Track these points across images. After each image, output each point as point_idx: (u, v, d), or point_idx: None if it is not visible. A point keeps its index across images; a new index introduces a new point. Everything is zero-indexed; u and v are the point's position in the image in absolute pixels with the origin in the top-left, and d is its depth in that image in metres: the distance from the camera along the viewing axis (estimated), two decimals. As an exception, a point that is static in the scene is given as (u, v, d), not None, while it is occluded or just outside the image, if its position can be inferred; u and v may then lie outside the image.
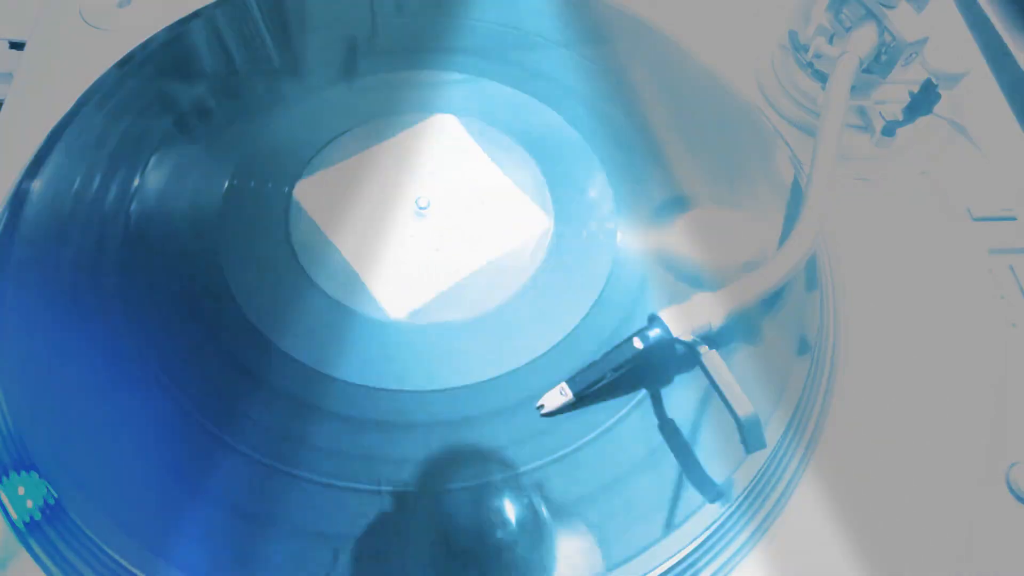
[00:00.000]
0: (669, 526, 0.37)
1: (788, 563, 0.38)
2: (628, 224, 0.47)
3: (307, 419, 0.39)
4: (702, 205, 0.48)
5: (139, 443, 0.38)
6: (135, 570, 0.35)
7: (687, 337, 0.39)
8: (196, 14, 0.56)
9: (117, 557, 0.35)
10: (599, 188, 0.49)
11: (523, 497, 0.37)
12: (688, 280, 0.45)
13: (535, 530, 0.37)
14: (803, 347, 0.43)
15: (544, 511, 0.37)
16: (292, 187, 0.47)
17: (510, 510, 0.37)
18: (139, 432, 0.38)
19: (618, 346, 0.39)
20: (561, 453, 0.38)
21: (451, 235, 0.47)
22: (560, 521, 0.37)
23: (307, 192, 0.48)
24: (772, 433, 0.40)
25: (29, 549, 0.36)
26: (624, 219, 0.47)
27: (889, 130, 0.49)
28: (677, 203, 0.48)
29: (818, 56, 0.51)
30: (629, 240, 0.46)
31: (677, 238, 0.47)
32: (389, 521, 0.36)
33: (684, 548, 0.37)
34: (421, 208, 0.47)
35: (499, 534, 0.36)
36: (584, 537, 0.36)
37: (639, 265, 0.45)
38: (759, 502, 0.39)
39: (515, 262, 0.46)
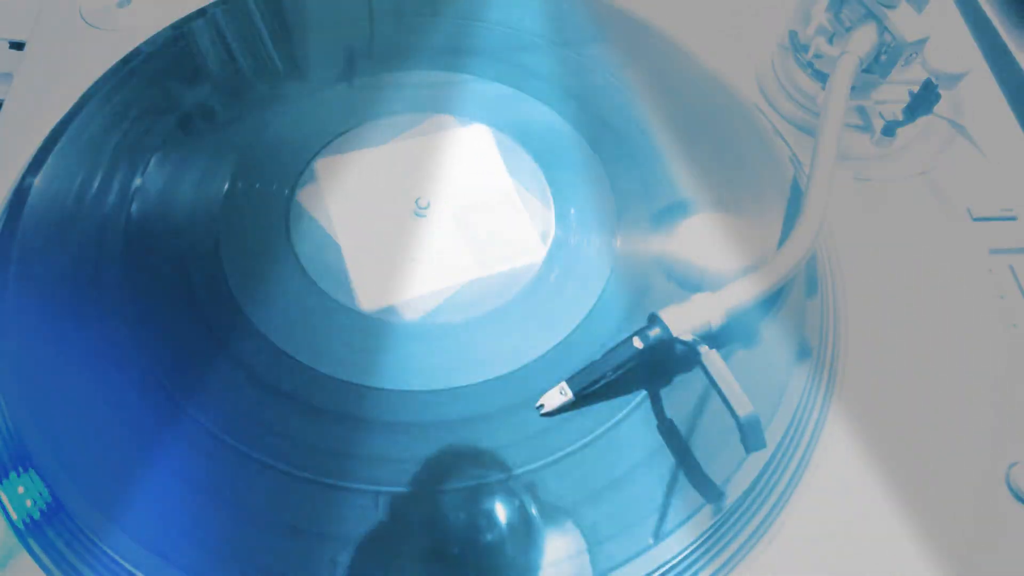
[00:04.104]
0: (669, 527, 0.37)
1: (788, 564, 0.38)
2: (628, 224, 0.47)
3: (306, 419, 0.39)
4: (702, 205, 0.48)
5: (139, 443, 0.38)
6: (135, 570, 0.35)
7: (687, 337, 0.39)
8: (197, 14, 0.56)
9: (117, 557, 0.35)
10: (599, 188, 0.48)
11: (523, 498, 0.37)
12: (688, 280, 0.45)
13: (536, 532, 0.36)
14: (803, 347, 0.43)
15: (545, 512, 0.37)
16: (293, 187, 0.47)
17: (510, 511, 0.37)
18: (139, 432, 0.38)
19: (618, 346, 0.39)
20: (562, 453, 0.38)
21: (451, 235, 0.47)
22: (561, 522, 0.37)
23: (307, 192, 0.48)
24: (772, 433, 0.40)
25: (29, 549, 0.36)
26: (624, 219, 0.47)
27: (889, 130, 0.50)
28: (677, 203, 0.48)
29: (818, 56, 0.51)
30: (629, 240, 0.46)
31: (677, 238, 0.47)
32: (388, 522, 0.36)
33: (684, 549, 0.37)
34: (421, 208, 0.47)
35: (499, 536, 0.36)
36: (584, 539, 0.36)
37: (639, 265, 0.45)
38: (759, 502, 0.39)
39: (515, 263, 0.46)
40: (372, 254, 0.46)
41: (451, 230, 0.47)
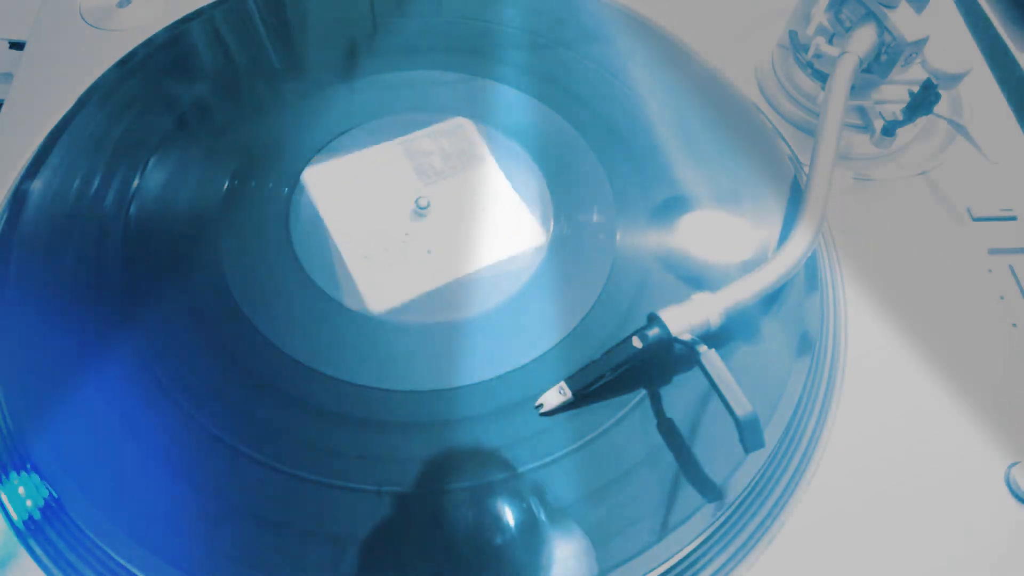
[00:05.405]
0: (668, 527, 0.37)
1: (787, 564, 0.38)
2: (628, 224, 0.47)
3: (307, 419, 0.39)
4: (702, 205, 0.48)
5: (139, 443, 0.38)
6: (135, 570, 0.35)
7: (686, 336, 0.39)
8: (196, 14, 0.56)
9: (117, 557, 0.35)
10: (599, 188, 0.49)
11: (523, 498, 0.37)
12: (687, 280, 0.45)
13: (535, 531, 0.36)
14: (803, 347, 0.43)
15: (544, 512, 0.37)
16: (292, 187, 0.48)
17: (510, 511, 0.37)
18: (139, 432, 0.38)
19: (617, 345, 0.39)
20: (561, 453, 0.38)
21: (451, 235, 0.47)
22: (560, 521, 0.37)
23: (307, 191, 0.48)
24: (772, 433, 0.40)
25: (29, 549, 0.36)
26: (624, 219, 0.47)
27: (889, 130, 0.49)
28: (677, 203, 0.48)
29: (818, 56, 0.51)
30: (629, 240, 0.46)
31: (677, 238, 0.47)
32: (389, 522, 0.36)
33: (683, 548, 0.37)
34: (421, 208, 0.47)
35: (499, 535, 0.36)
36: (584, 538, 0.36)
37: (639, 265, 0.45)
38: (758, 503, 0.39)
39: (515, 262, 0.46)
40: (372, 254, 0.46)
41: (451, 230, 0.47)
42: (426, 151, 0.50)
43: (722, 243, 0.47)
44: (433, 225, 0.47)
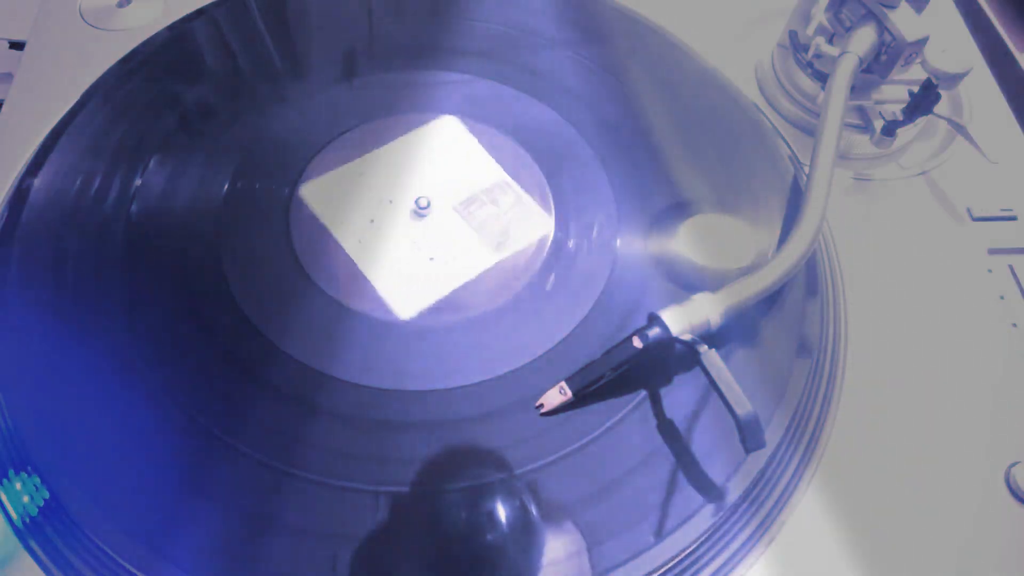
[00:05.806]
0: (668, 527, 0.37)
1: (787, 564, 0.38)
2: (628, 225, 0.47)
3: (306, 419, 0.39)
4: (702, 205, 0.48)
5: (139, 443, 0.38)
6: (135, 570, 0.35)
7: (686, 336, 0.39)
8: (196, 14, 0.56)
9: (117, 557, 0.35)
10: (600, 189, 0.49)
11: (522, 498, 0.37)
12: (687, 280, 0.45)
13: (535, 532, 0.37)
14: (803, 347, 0.43)
15: (544, 512, 0.37)
16: (293, 187, 0.48)
17: (510, 511, 0.37)
18: (139, 432, 0.38)
19: (618, 345, 0.39)
20: (560, 453, 0.38)
21: (449, 236, 0.47)
22: (560, 522, 0.37)
23: (307, 192, 0.48)
24: (772, 433, 0.40)
25: (29, 549, 0.36)
26: (624, 219, 0.47)
27: (889, 130, 0.49)
28: (677, 203, 0.48)
29: (818, 56, 0.51)
30: (629, 240, 0.46)
31: (677, 238, 0.47)
32: (389, 522, 0.36)
33: (684, 549, 0.37)
34: (421, 208, 0.47)
35: (499, 536, 0.36)
36: (584, 538, 0.36)
37: (639, 265, 0.45)
38: (759, 503, 0.39)
39: (516, 263, 0.46)
40: (371, 254, 0.46)
41: (450, 231, 0.47)
42: (498, 199, 0.48)
43: (722, 243, 0.47)
44: (406, 224, 0.47)
